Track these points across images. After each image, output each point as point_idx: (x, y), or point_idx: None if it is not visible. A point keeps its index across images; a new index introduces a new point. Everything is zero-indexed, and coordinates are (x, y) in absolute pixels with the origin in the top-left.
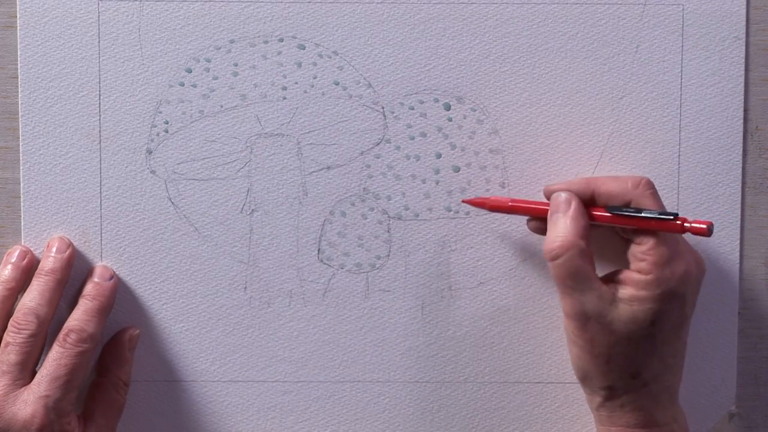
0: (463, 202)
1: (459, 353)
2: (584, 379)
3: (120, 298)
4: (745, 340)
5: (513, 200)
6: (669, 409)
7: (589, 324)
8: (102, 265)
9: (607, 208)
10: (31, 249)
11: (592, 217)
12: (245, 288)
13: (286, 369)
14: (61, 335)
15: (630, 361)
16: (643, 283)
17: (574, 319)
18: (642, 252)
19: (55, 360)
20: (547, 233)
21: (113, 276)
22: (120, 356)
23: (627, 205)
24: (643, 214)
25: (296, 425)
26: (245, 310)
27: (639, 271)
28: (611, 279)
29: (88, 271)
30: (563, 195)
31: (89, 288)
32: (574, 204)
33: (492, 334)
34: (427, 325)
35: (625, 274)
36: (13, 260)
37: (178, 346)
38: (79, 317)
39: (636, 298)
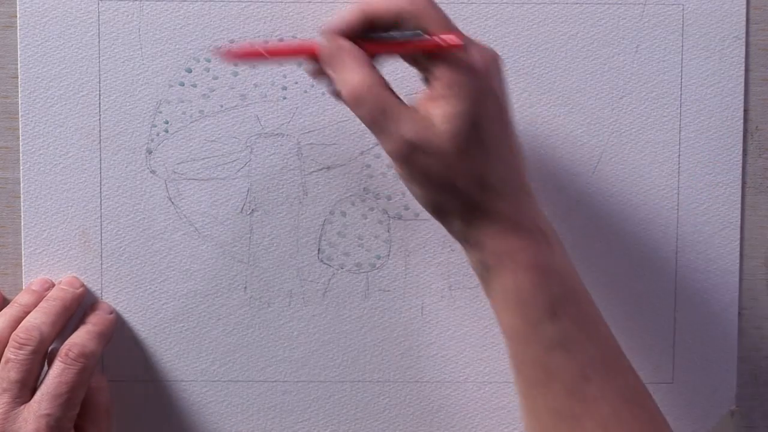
0: (222, 55)
1: (459, 353)
2: (439, 212)
3: (120, 298)
4: (745, 340)
5: (271, 46)
6: (531, 211)
7: (416, 156)
8: (105, 302)
9: (367, 37)
10: (54, 281)
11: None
12: (245, 288)
13: (286, 369)
14: (62, 350)
15: (472, 173)
16: (449, 94)
17: (402, 156)
18: (434, 69)
19: (56, 377)
20: (338, 78)
21: (113, 311)
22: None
23: (402, 26)
24: (390, 35)
25: (296, 425)
26: (245, 310)
27: (442, 85)
28: (420, 106)
29: (89, 306)
30: (338, 40)
31: (91, 317)
32: (347, 44)
33: (492, 334)
34: (427, 325)
35: (430, 94)
36: (34, 287)
37: (178, 346)
38: (81, 335)
39: (450, 112)
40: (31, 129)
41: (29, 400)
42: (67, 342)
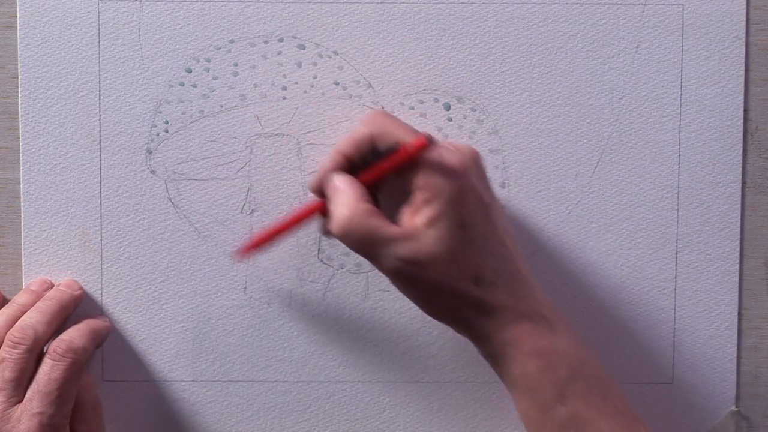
0: (238, 257)
1: (459, 353)
2: (443, 315)
3: (120, 298)
4: (745, 340)
5: (278, 224)
6: (529, 297)
7: (412, 270)
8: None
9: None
10: (53, 282)
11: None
12: (245, 288)
13: (286, 369)
14: (50, 348)
15: (466, 272)
16: (429, 198)
17: (399, 275)
18: (412, 180)
19: (45, 374)
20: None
21: (108, 321)
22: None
23: (390, 143)
24: (370, 159)
25: (296, 425)
26: (245, 310)
27: (421, 193)
28: (405, 220)
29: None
30: (333, 179)
31: (84, 319)
32: (340, 178)
33: None
34: (427, 325)
35: (413, 205)
36: (33, 287)
37: (178, 346)
38: (70, 332)
39: (433, 216)
40: (31, 129)
41: (23, 399)
42: (55, 339)
